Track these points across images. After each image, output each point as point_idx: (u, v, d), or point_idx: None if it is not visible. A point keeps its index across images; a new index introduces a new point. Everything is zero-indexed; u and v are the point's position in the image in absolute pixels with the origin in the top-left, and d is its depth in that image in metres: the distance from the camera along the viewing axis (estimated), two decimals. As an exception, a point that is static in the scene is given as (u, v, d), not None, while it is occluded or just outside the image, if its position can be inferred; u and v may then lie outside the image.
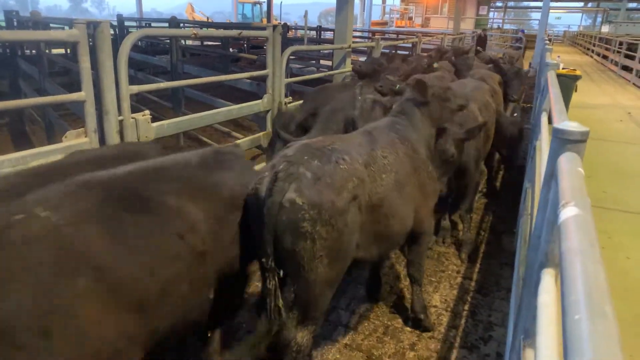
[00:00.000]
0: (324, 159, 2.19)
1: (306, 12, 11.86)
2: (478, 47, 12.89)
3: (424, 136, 2.93)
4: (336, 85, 4.81)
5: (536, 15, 40.04)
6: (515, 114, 5.22)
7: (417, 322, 3.08)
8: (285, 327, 2.22)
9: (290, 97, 4.85)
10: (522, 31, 24.66)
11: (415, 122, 2.92)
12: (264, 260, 2.12)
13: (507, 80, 5.53)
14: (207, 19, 31.91)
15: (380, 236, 2.50)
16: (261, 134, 4.56)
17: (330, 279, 2.24)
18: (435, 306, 3.35)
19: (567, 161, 1.40)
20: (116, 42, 3.16)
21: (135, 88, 3.17)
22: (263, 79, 4.50)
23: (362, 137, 2.65)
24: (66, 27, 4.09)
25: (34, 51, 7.60)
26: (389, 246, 2.69)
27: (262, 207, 2.10)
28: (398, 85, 3.34)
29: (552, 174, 1.50)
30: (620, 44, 15.32)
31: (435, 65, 5.59)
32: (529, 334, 1.52)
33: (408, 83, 3.09)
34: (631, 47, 14.36)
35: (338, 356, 2.83)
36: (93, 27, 2.80)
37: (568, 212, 1.06)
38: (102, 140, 2.95)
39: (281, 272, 2.17)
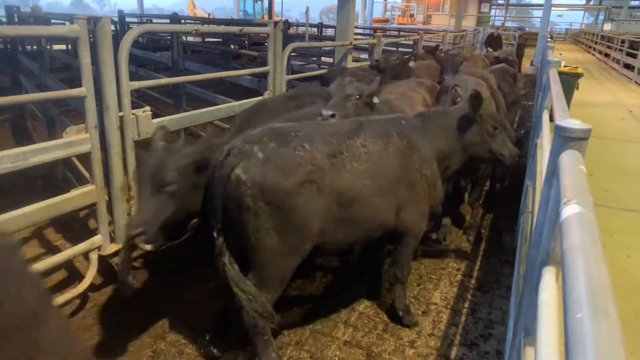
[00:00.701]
0: (283, 142, 2.27)
1: (307, 8, 11.84)
2: (488, 48, 12.75)
3: (438, 144, 2.86)
4: (276, 99, 4.20)
5: (538, 12, 39.90)
6: (522, 131, 5.19)
7: (399, 320, 3.09)
8: (241, 292, 2.29)
9: (291, 94, 4.83)
10: (520, 29, 24.24)
11: (431, 128, 2.87)
12: (214, 223, 2.26)
13: (507, 105, 5.26)
14: (209, 15, 31.90)
15: (346, 225, 2.49)
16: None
17: (282, 252, 2.31)
18: (435, 304, 3.35)
19: (569, 159, 1.39)
20: (117, 38, 3.14)
21: (136, 84, 3.17)
22: (264, 75, 4.49)
23: (345, 125, 2.64)
24: (67, 23, 4.08)
25: (35, 47, 7.60)
26: (359, 238, 2.66)
27: (213, 177, 2.26)
28: (459, 98, 3.38)
29: (553, 172, 1.50)
30: (623, 42, 15.28)
31: (411, 64, 5.42)
32: (529, 332, 1.53)
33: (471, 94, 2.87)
34: (633, 45, 14.33)
35: (338, 353, 2.84)
36: (94, 22, 2.80)
37: (570, 210, 1.05)
38: (102, 136, 2.94)
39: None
